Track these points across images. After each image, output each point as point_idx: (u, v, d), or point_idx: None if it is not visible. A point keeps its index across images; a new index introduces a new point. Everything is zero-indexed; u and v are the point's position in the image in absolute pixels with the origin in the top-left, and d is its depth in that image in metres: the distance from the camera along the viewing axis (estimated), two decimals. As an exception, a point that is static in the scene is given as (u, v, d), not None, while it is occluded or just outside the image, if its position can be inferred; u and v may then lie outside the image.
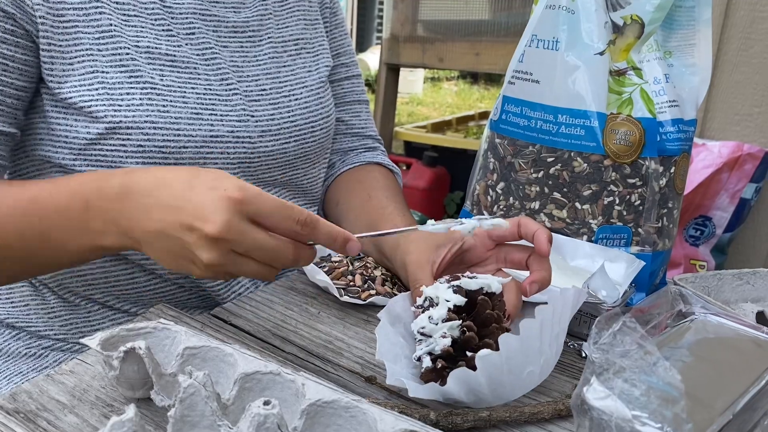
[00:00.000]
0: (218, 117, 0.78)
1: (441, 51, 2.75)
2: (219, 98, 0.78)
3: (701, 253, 1.77)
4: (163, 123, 0.73)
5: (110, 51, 0.73)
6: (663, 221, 0.77)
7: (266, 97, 0.84)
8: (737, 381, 0.46)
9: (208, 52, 0.79)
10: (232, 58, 0.82)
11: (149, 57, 0.75)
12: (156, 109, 0.73)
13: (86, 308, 0.82)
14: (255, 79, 0.83)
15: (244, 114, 0.80)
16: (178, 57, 0.77)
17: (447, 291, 0.58)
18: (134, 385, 0.51)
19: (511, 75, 0.78)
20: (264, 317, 0.70)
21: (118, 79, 0.73)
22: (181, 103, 0.75)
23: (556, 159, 0.75)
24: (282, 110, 0.84)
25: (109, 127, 0.72)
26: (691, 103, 0.78)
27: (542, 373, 0.59)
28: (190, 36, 0.79)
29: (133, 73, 0.73)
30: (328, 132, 0.91)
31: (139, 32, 0.75)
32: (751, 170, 1.70)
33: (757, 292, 0.81)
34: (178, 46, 0.77)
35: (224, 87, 0.79)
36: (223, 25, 0.82)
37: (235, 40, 0.83)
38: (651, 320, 0.52)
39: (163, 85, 0.75)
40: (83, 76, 0.72)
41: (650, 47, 0.77)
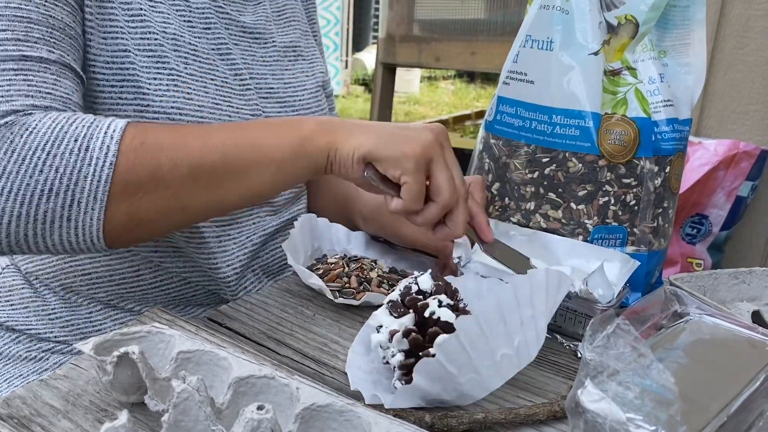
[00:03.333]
0: (234, 109, 0.79)
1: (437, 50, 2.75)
2: (234, 92, 0.80)
3: (698, 251, 1.77)
4: (188, 110, 0.74)
5: (140, 34, 0.73)
6: (658, 221, 0.77)
7: (274, 96, 0.86)
8: (732, 382, 0.46)
9: (223, 47, 0.80)
10: (243, 56, 0.84)
11: (175, 44, 0.75)
12: (182, 96, 0.74)
13: (88, 308, 0.82)
14: (263, 77, 0.86)
15: (257, 109, 0.82)
16: (199, 48, 0.78)
17: (384, 316, 0.59)
18: (128, 390, 0.51)
19: (506, 75, 0.78)
20: (259, 320, 0.70)
21: (146, 63, 0.72)
22: (203, 93, 0.76)
23: (551, 159, 0.75)
24: (288, 109, 0.87)
25: (138, 110, 0.71)
26: (686, 103, 0.78)
27: (521, 357, 0.57)
28: (206, 30, 0.80)
29: (160, 59, 0.73)
30: None
31: (166, 19, 0.75)
32: (747, 168, 1.70)
33: (753, 291, 0.81)
34: (198, 37, 0.78)
35: (238, 82, 0.81)
36: (234, 23, 0.84)
37: (244, 40, 0.85)
38: (646, 321, 0.52)
39: (186, 73, 0.75)
40: (115, 53, 0.71)
41: (645, 47, 0.77)
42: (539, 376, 0.63)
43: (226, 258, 0.81)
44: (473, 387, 0.55)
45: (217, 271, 0.80)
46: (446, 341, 0.52)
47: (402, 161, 0.63)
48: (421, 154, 0.63)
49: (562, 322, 0.70)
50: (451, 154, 0.66)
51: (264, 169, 0.65)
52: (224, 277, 0.81)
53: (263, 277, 0.87)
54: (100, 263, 0.79)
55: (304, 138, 0.65)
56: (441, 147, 0.65)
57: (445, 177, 0.64)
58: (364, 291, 0.73)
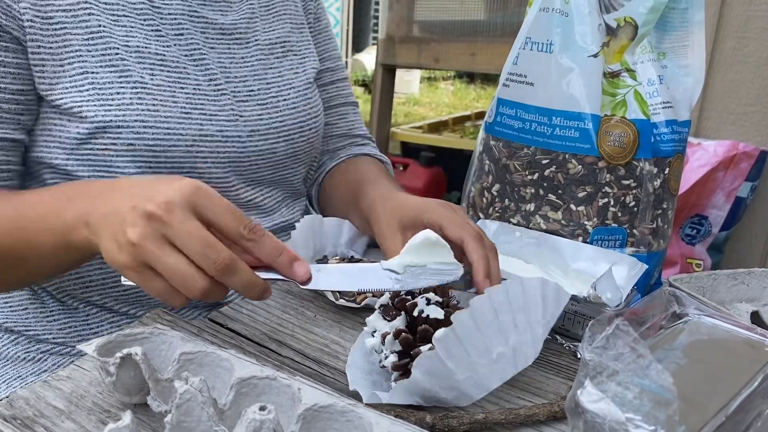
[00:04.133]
0: (207, 117, 0.78)
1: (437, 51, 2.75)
2: (207, 98, 0.79)
3: (697, 251, 1.78)
4: (153, 122, 0.74)
5: (100, 51, 0.73)
6: (658, 222, 0.77)
7: (254, 98, 0.84)
8: (730, 383, 0.46)
9: (196, 53, 0.80)
10: (219, 59, 0.83)
11: (139, 56, 0.75)
12: (146, 108, 0.74)
13: (85, 311, 0.82)
14: (243, 80, 0.84)
15: (233, 114, 0.81)
16: (168, 57, 0.77)
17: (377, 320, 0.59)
18: (131, 391, 0.51)
19: (506, 77, 0.79)
20: (261, 321, 0.71)
21: (108, 78, 0.73)
22: (171, 103, 0.76)
23: (550, 161, 0.75)
24: (270, 110, 0.85)
25: (100, 127, 0.72)
26: (685, 105, 0.79)
27: (517, 358, 0.57)
28: (178, 37, 0.79)
29: (122, 73, 0.74)
30: (317, 131, 0.92)
31: (129, 32, 0.76)
32: (746, 169, 1.71)
33: (752, 292, 0.81)
34: (167, 46, 0.78)
35: (212, 87, 0.80)
36: (210, 26, 0.83)
37: (222, 42, 0.84)
38: (645, 322, 0.52)
39: (153, 84, 0.75)
40: (74, 77, 0.73)
41: (644, 49, 0.77)
42: (539, 376, 0.64)
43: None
44: (471, 386, 0.56)
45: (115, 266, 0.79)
46: (443, 335, 0.52)
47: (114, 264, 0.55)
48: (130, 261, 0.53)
49: (570, 326, 0.70)
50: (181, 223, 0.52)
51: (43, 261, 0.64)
52: None
53: None
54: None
55: (65, 232, 0.60)
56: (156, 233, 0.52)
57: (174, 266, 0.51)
58: (366, 293, 0.73)
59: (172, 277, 0.52)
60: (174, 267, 0.51)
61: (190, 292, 0.52)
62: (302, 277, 0.54)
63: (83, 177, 0.74)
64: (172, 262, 0.51)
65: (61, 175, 0.76)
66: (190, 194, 0.52)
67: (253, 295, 0.54)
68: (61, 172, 0.75)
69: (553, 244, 0.75)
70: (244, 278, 0.52)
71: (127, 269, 0.53)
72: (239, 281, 0.52)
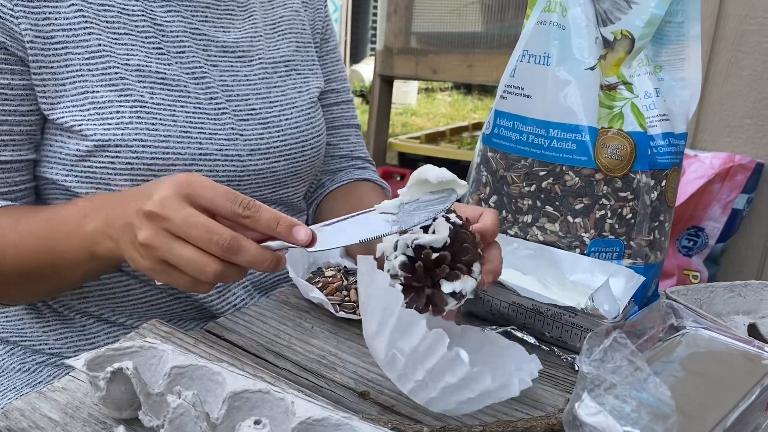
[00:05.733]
0: (207, 135, 0.78)
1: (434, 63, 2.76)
2: (208, 117, 0.79)
3: (694, 263, 1.78)
4: (152, 141, 0.74)
5: (100, 70, 0.73)
6: (654, 234, 0.77)
7: (255, 117, 0.84)
8: (728, 396, 0.46)
9: (198, 71, 0.80)
10: (221, 77, 0.82)
11: (139, 75, 0.75)
12: (145, 127, 0.74)
13: (81, 322, 0.82)
14: (245, 98, 0.84)
15: (233, 133, 0.80)
16: (168, 75, 0.77)
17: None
18: (121, 406, 0.51)
19: (503, 89, 0.79)
20: (257, 332, 0.70)
21: (108, 97, 0.73)
22: (170, 122, 0.75)
23: (548, 173, 0.75)
24: (272, 130, 0.85)
25: (98, 145, 0.72)
26: (682, 117, 0.79)
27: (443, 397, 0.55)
28: (180, 55, 0.79)
29: (122, 92, 0.74)
30: (319, 151, 0.92)
31: (129, 50, 0.76)
32: (742, 181, 1.71)
33: (749, 305, 0.81)
34: (169, 64, 0.78)
35: (213, 106, 0.80)
36: (212, 44, 0.83)
37: (225, 60, 0.83)
38: (643, 334, 0.52)
39: (152, 103, 0.75)
40: (74, 96, 0.73)
41: (640, 62, 0.78)
42: (536, 389, 0.63)
43: None
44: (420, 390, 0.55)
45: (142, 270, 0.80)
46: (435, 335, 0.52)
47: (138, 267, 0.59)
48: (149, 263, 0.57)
49: (567, 338, 0.70)
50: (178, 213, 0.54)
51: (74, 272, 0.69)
52: (204, 296, 0.81)
53: (254, 292, 0.87)
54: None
55: (89, 246, 0.64)
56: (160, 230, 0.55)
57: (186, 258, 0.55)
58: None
59: (186, 267, 0.55)
60: (184, 257, 0.54)
61: (207, 277, 0.55)
62: (304, 241, 0.55)
63: (83, 193, 0.75)
64: (181, 253, 0.54)
65: (61, 191, 0.76)
66: (182, 186, 0.55)
67: (267, 268, 0.56)
68: (60, 188, 0.76)
69: (551, 255, 0.75)
70: (252, 253, 0.55)
71: (151, 271, 0.57)
72: (247, 257, 0.55)
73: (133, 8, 0.77)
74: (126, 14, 0.76)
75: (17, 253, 0.69)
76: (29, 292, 0.75)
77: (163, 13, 0.79)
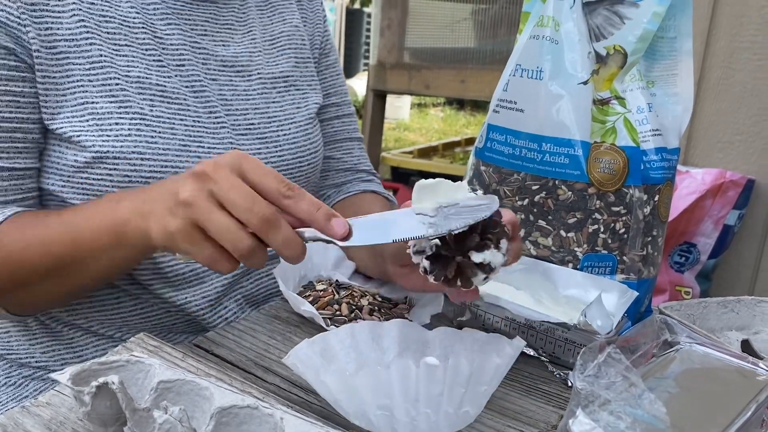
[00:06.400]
0: (205, 149, 0.78)
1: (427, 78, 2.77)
2: (207, 131, 0.78)
3: (686, 279, 1.78)
4: (150, 154, 0.73)
5: (100, 81, 0.73)
6: (647, 249, 0.77)
7: (254, 132, 0.83)
8: (724, 412, 0.46)
9: (197, 84, 0.79)
10: (221, 91, 0.82)
11: (140, 87, 0.75)
12: (144, 140, 0.73)
13: (69, 335, 0.81)
14: (243, 113, 0.83)
15: (231, 147, 0.80)
16: (168, 88, 0.77)
17: None
18: (106, 422, 0.50)
19: (496, 103, 0.79)
20: (247, 347, 0.69)
21: (108, 109, 0.73)
22: (169, 135, 0.75)
23: (540, 187, 0.75)
24: (269, 145, 0.84)
25: (96, 157, 0.72)
26: (674, 132, 0.79)
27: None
28: (180, 68, 0.79)
29: (122, 104, 0.73)
30: (315, 167, 0.91)
31: (130, 62, 0.75)
32: (734, 197, 1.72)
33: (742, 320, 0.81)
34: (168, 77, 0.77)
35: (212, 120, 0.79)
36: (212, 58, 0.82)
37: (224, 74, 0.83)
38: (637, 350, 0.51)
39: (152, 115, 0.75)
40: (75, 107, 0.72)
41: (633, 77, 0.78)
42: (529, 405, 0.63)
43: (197, 292, 0.80)
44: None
45: (187, 305, 0.80)
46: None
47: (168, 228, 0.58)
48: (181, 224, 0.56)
49: (560, 353, 0.69)
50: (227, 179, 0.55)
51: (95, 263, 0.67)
52: (197, 310, 0.80)
53: (245, 305, 0.86)
54: None
55: (119, 227, 0.63)
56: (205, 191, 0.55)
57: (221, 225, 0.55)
58: (356, 318, 0.72)
59: (221, 235, 0.54)
60: (223, 225, 0.54)
61: (237, 251, 0.54)
62: (340, 234, 0.55)
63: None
64: (221, 220, 0.54)
65: (57, 202, 0.75)
66: (235, 157, 0.56)
67: (291, 255, 0.56)
68: (57, 199, 0.75)
69: (544, 270, 0.75)
70: (286, 234, 0.54)
71: (179, 234, 0.56)
72: (281, 237, 0.54)
73: (134, 20, 0.77)
74: (127, 26, 0.76)
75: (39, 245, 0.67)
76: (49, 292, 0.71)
77: (163, 26, 0.79)
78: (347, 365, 0.61)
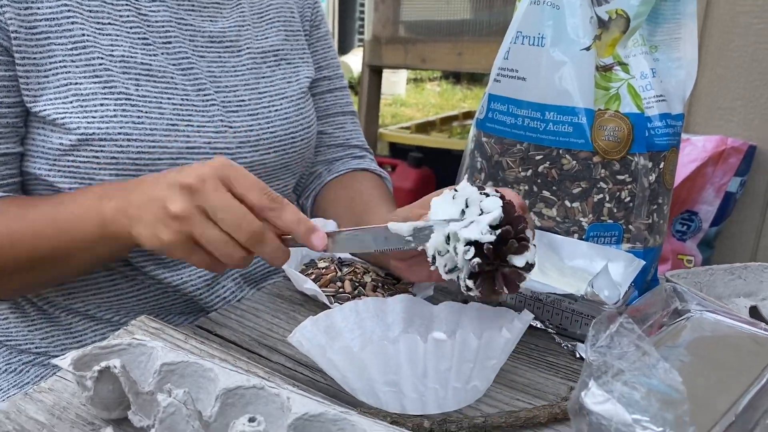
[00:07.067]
0: (195, 128, 0.76)
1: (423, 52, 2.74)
2: (196, 109, 0.77)
3: (688, 247, 1.77)
4: (137, 135, 0.71)
5: (84, 61, 0.71)
6: (653, 217, 0.76)
7: (245, 108, 0.82)
8: (737, 380, 0.45)
9: (185, 62, 0.78)
10: (209, 68, 0.80)
11: (124, 66, 0.73)
12: (130, 121, 0.71)
13: (67, 320, 0.80)
14: (233, 89, 0.81)
15: (222, 125, 0.78)
16: (154, 66, 0.75)
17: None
18: (109, 406, 0.49)
19: (497, 72, 0.77)
20: (250, 326, 0.69)
21: (92, 90, 0.71)
22: (156, 114, 0.73)
23: (544, 157, 0.74)
24: (261, 121, 0.83)
25: (82, 139, 0.70)
26: (678, 98, 0.78)
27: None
28: (166, 45, 0.77)
29: (107, 84, 0.71)
30: (309, 143, 0.90)
31: (114, 41, 0.73)
32: (735, 164, 1.70)
33: (749, 287, 0.80)
34: (154, 55, 0.75)
35: (201, 98, 0.77)
36: (199, 34, 0.80)
37: (212, 50, 0.81)
38: (647, 319, 0.51)
39: (138, 95, 0.73)
40: (58, 89, 0.71)
41: (636, 42, 0.76)
42: (537, 377, 0.62)
43: (193, 271, 0.79)
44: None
45: (184, 285, 0.79)
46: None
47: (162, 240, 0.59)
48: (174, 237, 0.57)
49: (568, 325, 0.69)
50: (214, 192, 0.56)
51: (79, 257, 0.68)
52: (194, 290, 0.79)
53: (244, 285, 0.85)
54: None
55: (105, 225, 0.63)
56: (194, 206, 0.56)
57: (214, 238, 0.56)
58: (359, 295, 0.71)
59: (214, 248, 0.56)
60: (217, 239, 0.56)
61: (229, 260, 0.57)
62: (320, 248, 0.58)
63: (65, 189, 0.72)
64: (214, 235, 0.56)
65: (44, 186, 0.74)
66: (220, 168, 0.56)
67: (277, 263, 0.59)
68: (44, 184, 0.74)
69: (549, 241, 0.74)
70: (272, 246, 0.57)
71: (172, 245, 0.57)
72: (268, 249, 0.57)
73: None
74: (110, 4, 0.74)
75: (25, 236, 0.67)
76: (30, 281, 0.72)
77: (147, 2, 0.76)
78: (352, 342, 0.60)
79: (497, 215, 0.54)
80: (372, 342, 0.61)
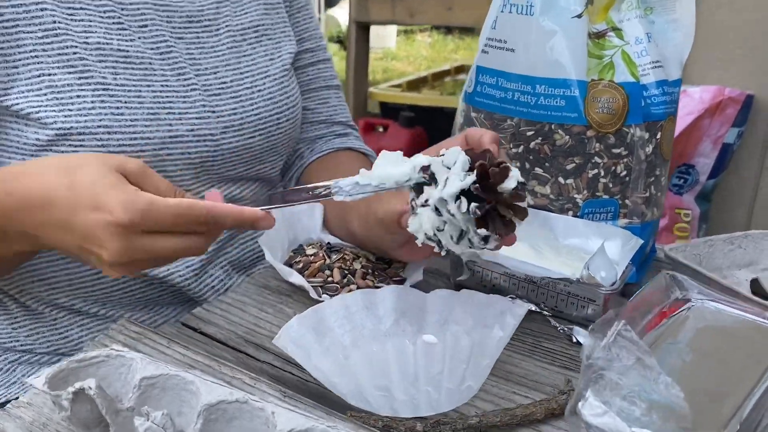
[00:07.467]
0: (177, 116, 0.72)
1: (411, 6, 2.66)
2: (177, 95, 0.73)
3: (685, 201, 1.75)
4: (117, 127, 0.68)
5: (56, 51, 0.67)
6: (651, 190, 0.73)
7: (227, 91, 0.78)
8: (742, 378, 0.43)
9: (163, 45, 0.73)
10: (188, 50, 0.76)
11: (100, 54, 0.69)
12: (109, 113, 0.68)
13: (52, 315, 0.78)
14: (214, 71, 0.77)
15: (204, 110, 0.74)
16: (132, 53, 0.71)
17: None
18: (89, 425, 0.47)
19: (485, 43, 0.73)
20: (236, 322, 0.66)
21: (67, 81, 0.67)
22: (136, 104, 0.69)
23: (536, 132, 0.70)
24: (245, 103, 0.79)
25: (60, 134, 0.66)
26: (676, 63, 0.74)
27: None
28: (142, 29, 0.72)
29: (83, 74, 0.67)
30: (295, 123, 0.86)
31: (87, 27, 0.69)
32: (733, 114, 1.67)
33: (749, 256, 0.78)
34: (131, 40, 0.71)
35: (182, 83, 0.73)
36: (176, 15, 0.76)
37: (190, 31, 0.77)
38: (648, 312, 0.48)
39: (116, 85, 0.69)
40: (30, 80, 0.66)
41: (630, 5, 0.72)
42: (534, 366, 0.60)
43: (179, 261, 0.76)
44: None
45: (171, 276, 0.76)
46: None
47: None
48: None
49: (563, 307, 0.67)
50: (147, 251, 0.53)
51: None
52: (181, 280, 0.77)
53: (232, 272, 0.83)
54: (58, 266, 0.74)
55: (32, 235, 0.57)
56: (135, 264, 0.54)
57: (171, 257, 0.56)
58: (349, 284, 0.69)
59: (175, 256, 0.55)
60: (170, 248, 0.53)
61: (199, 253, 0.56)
62: (269, 226, 0.56)
63: None
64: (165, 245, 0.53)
65: None
66: (131, 227, 0.51)
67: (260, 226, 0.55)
68: None
69: (543, 220, 0.71)
70: (233, 215, 0.54)
71: (127, 274, 0.55)
72: (229, 221, 0.54)
73: None
74: None
75: None
76: None
77: None
78: (342, 338, 0.58)
79: (464, 158, 0.51)
80: (362, 337, 0.59)
